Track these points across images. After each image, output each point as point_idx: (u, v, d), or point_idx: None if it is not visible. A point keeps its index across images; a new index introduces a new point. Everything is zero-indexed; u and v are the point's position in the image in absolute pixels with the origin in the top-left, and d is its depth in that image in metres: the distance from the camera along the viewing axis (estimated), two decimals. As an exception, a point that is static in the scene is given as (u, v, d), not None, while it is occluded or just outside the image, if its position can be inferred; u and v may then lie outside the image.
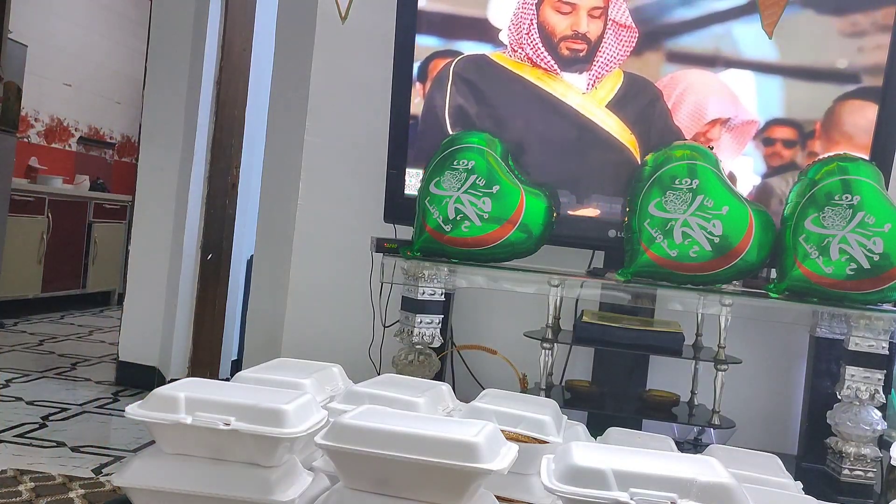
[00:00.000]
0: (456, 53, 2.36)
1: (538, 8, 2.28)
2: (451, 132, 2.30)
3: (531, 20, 2.28)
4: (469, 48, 2.36)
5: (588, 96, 2.29)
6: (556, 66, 2.28)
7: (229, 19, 3.62)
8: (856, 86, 2.20)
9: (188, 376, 1.83)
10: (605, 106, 2.28)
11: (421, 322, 2.15)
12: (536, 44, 2.28)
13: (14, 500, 2.09)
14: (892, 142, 2.22)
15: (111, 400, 3.30)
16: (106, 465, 2.48)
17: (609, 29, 2.25)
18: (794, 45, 2.22)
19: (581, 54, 2.27)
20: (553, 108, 2.29)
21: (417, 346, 2.16)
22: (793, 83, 2.26)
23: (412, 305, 2.15)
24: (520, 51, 2.30)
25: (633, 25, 2.25)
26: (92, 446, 2.65)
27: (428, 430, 0.94)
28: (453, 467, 0.91)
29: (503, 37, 2.32)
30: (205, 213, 3.63)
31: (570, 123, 2.28)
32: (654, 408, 2.25)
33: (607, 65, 2.26)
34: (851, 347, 2.03)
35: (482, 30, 2.35)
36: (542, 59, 2.28)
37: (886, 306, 2.02)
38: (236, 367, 3.60)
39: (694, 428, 2.28)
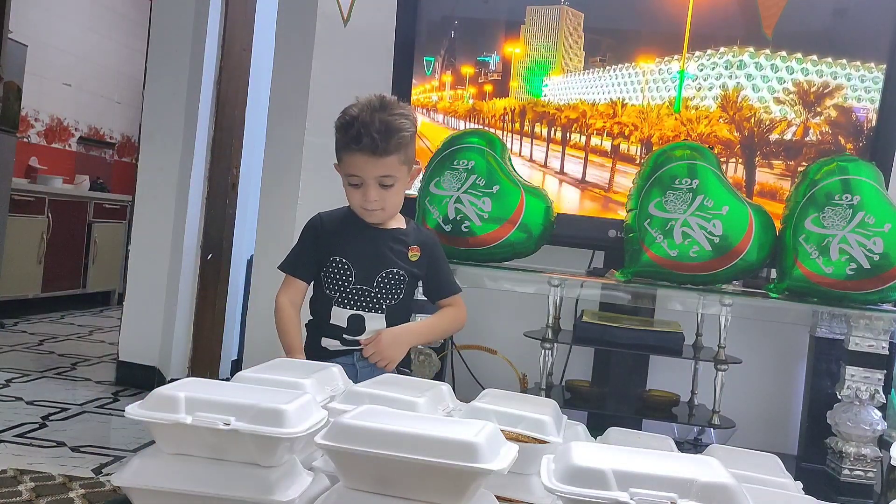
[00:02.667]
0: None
1: None
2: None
3: None
4: None
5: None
6: None
7: (229, 19, 3.62)
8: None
9: (188, 376, 1.83)
10: None
11: (421, 322, 2.14)
12: None
13: (14, 500, 2.09)
14: (892, 142, 2.22)
15: (111, 400, 3.30)
16: (106, 465, 2.48)
17: None
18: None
19: None
20: None
21: (417, 347, 2.16)
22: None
23: (412, 306, 2.15)
24: None
25: None
26: (92, 446, 2.65)
27: (428, 430, 0.94)
28: (453, 467, 0.90)
29: None
30: (205, 213, 3.62)
31: None
32: (654, 408, 2.25)
33: None
34: (851, 347, 2.03)
35: None
36: None
37: (886, 306, 2.02)
38: (236, 367, 3.59)
39: (694, 428, 2.28)
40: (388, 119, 1.79)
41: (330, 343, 1.86)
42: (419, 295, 1.97)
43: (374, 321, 1.85)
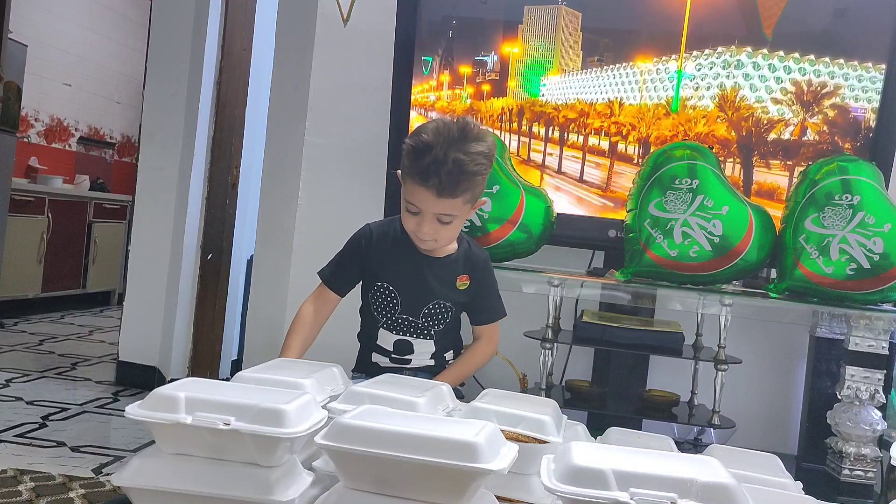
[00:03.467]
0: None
1: None
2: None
3: None
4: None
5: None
6: None
7: (229, 19, 3.62)
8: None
9: (188, 376, 1.83)
10: None
11: (421, 322, 2.14)
12: None
13: (14, 500, 2.09)
14: (892, 142, 2.22)
15: (111, 400, 3.30)
16: (106, 464, 2.48)
17: None
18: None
19: None
20: None
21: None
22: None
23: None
24: None
25: None
26: (92, 446, 2.65)
27: (428, 430, 0.94)
28: (453, 467, 0.91)
29: None
30: (205, 213, 3.63)
31: None
32: (654, 408, 2.25)
33: None
34: (851, 347, 2.03)
35: None
36: None
37: (886, 306, 2.02)
38: (236, 367, 3.59)
39: (694, 428, 2.28)
40: (463, 159, 1.64)
41: (380, 360, 1.89)
42: None
43: (423, 345, 1.87)
